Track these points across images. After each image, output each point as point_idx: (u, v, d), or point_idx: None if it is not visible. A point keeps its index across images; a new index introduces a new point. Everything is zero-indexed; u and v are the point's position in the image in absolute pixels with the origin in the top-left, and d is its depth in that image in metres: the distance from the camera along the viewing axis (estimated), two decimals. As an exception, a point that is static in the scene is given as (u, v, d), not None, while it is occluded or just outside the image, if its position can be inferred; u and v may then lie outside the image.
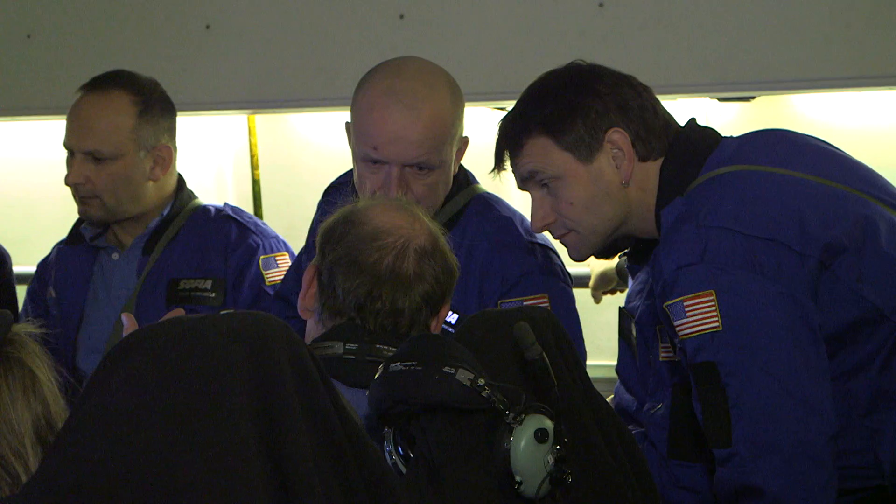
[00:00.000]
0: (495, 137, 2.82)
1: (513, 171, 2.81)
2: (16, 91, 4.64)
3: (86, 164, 3.49)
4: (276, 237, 3.62)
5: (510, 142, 2.78)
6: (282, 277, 3.47)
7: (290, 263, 3.53)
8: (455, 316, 2.98)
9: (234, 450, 1.56)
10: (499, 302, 3.03)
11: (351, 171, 3.17)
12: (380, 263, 2.43)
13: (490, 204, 3.16)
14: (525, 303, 2.99)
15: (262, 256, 3.54)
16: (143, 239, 3.58)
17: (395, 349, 2.34)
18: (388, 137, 2.95)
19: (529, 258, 3.07)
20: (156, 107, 3.53)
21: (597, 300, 3.75)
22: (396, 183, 2.96)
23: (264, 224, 3.68)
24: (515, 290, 3.03)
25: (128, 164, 3.49)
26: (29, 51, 4.65)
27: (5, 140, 5.02)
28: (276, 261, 3.56)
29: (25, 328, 1.83)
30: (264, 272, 3.53)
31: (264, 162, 4.71)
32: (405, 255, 2.44)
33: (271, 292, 3.47)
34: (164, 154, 3.52)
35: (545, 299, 3.03)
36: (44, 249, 3.86)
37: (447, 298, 2.51)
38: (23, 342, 1.81)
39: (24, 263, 4.38)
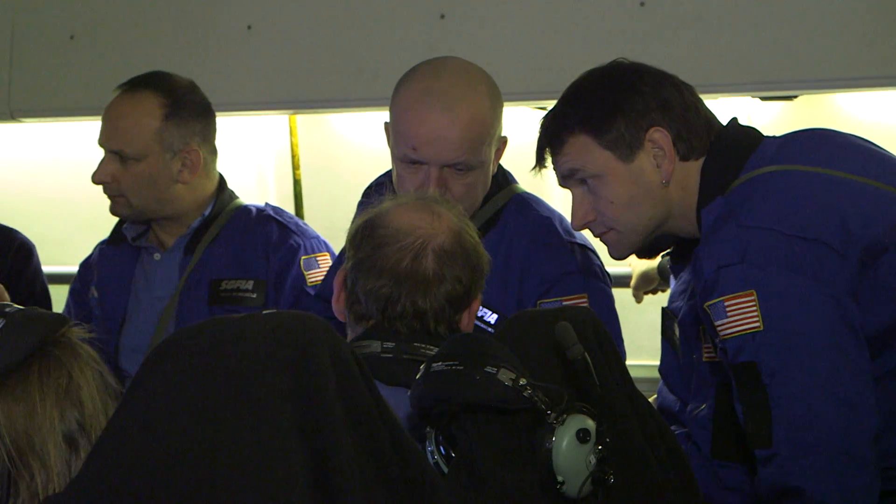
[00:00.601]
0: (537, 135, 2.81)
1: (554, 169, 2.81)
2: (59, 92, 4.67)
3: (112, 163, 3.50)
4: (317, 237, 3.62)
5: (551, 139, 2.78)
6: (323, 278, 3.47)
7: (331, 264, 3.53)
8: (495, 316, 2.98)
9: (275, 449, 1.56)
10: (538, 302, 3.02)
11: (391, 170, 3.18)
12: (398, 265, 2.43)
13: (529, 204, 3.15)
14: (564, 302, 2.98)
15: (303, 257, 3.54)
16: (184, 239, 3.58)
17: (432, 346, 2.35)
18: (426, 138, 2.95)
19: (569, 258, 3.07)
20: (185, 109, 3.52)
21: (638, 300, 3.74)
22: (435, 183, 2.96)
23: (305, 224, 3.68)
24: (555, 290, 3.02)
25: (152, 165, 3.49)
26: (72, 52, 4.67)
27: (48, 141, 5.05)
28: (317, 261, 3.56)
29: (79, 333, 1.84)
30: (305, 272, 3.53)
31: (305, 162, 4.72)
32: (424, 256, 2.44)
33: (312, 292, 3.46)
34: (193, 157, 3.51)
35: (584, 299, 3.03)
36: (85, 249, 3.88)
37: (475, 295, 2.51)
38: (68, 345, 1.81)
39: (66, 263, 4.41)
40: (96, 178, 3.52)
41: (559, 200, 3.21)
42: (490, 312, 2.99)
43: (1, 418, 1.74)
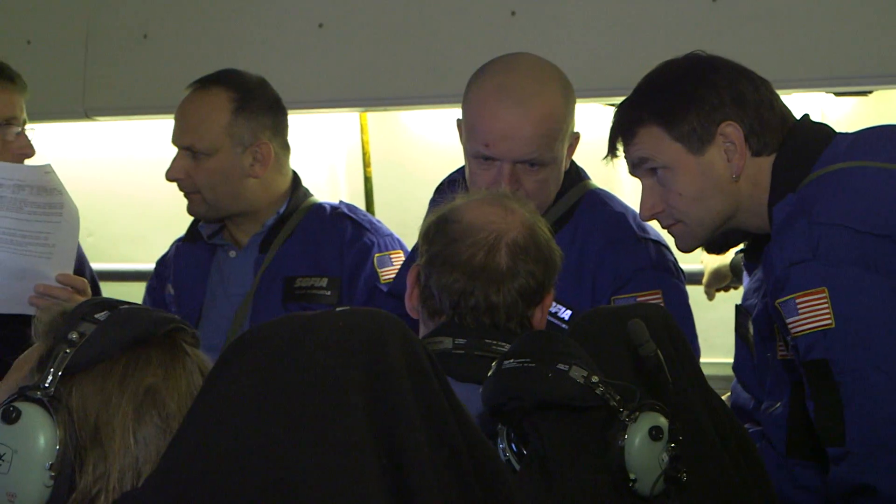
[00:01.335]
0: (610, 125, 2.81)
1: (625, 158, 2.81)
2: (133, 91, 4.71)
3: (184, 160, 3.53)
4: (391, 235, 3.63)
5: (623, 129, 2.78)
6: (395, 275, 3.48)
7: (404, 261, 3.54)
8: (569, 312, 2.98)
9: (349, 444, 1.57)
10: (612, 298, 3.02)
11: (463, 167, 3.18)
12: (472, 260, 2.44)
13: (602, 200, 3.15)
14: (638, 298, 2.98)
15: (376, 254, 3.55)
16: (259, 237, 3.60)
17: (503, 343, 2.35)
18: (499, 134, 2.96)
19: (643, 254, 3.06)
20: (255, 104, 3.54)
21: (710, 297, 3.72)
22: (508, 179, 2.97)
23: (379, 222, 3.69)
24: (629, 286, 3.02)
25: (223, 160, 3.51)
26: (145, 51, 4.71)
27: (123, 139, 5.10)
28: (390, 259, 3.57)
29: (182, 337, 1.85)
30: (379, 270, 3.54)
31: (376, 159, 4.73)
32: (497, 250, 2.45)
33: (386, 290, 3.48)
34: (264, 151, 3.53)
35: (658, 295, 3.02)
36: (159, 247, 3.91)
37: (548, 289, 2.51)
38: (169, 347, 1.82)
39: (141, 261, 4.45)
40: (169, 175, 3.55)
41: (631, 197, 3.20)
42: (563, 308, 2.98)
43: (75, 406, 1.76)
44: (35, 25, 4.91)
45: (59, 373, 1.75)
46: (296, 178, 3.65)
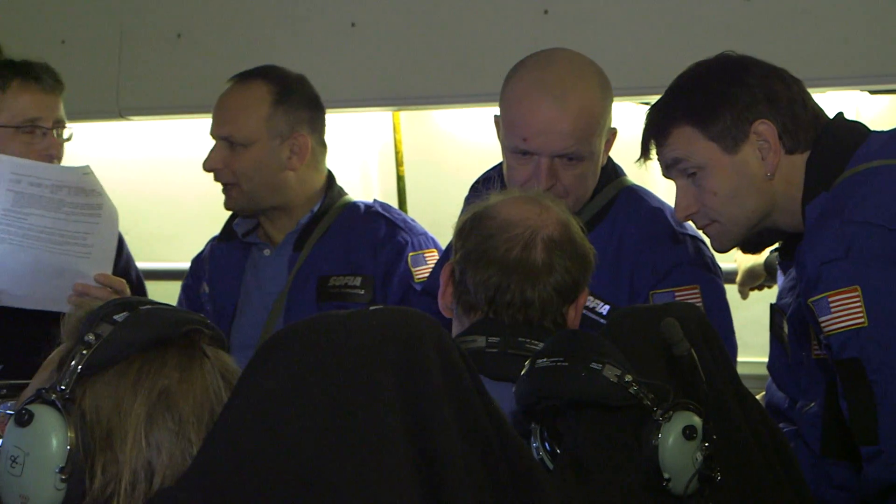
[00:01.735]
0: (642, 126, 2.81)
1: (658, 159, 2.80)
2: (166, 90, 4.73)
3: (222, 150, 3.54)
4: (425, 234, 3.63)
5: (656, 130, 2.77)
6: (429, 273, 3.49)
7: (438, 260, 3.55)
8: (606, 307, 2.98)
9: (382, 442, 1.57)
10: (650, 293, 3.02)
11: (498, 165, 3.19)
12: (508, 255, 2.44)
13: (639, 195, 3.15)
14: (676, 294, 2.98)
15: (410, 254, 3.56)
16: (293, 235, 3.61)
17: (537, 341, 2.35)
18: (537, 128, 2.96)
19: (680, 249, 3.06)
20: (294, 97, 3.56)
21: (744, 296, 3.71)
22: (546, 174, 2.97)
23: (413, 221, 3.69)
24: (666, 281, 3.02)
25: (261, 151, 3.53)
26: (179, 50, 4.73)
27: (156, 139, 5.12)
28: (424, 258, 3.57)
29: (202, 339, 1.85)
30: (413, 269, 3.55)
31: (409, 158, 4.74)
32: (533, 246, 2.45)
33: (420, 289, 3.48)
34: (301, 143, 3.54)
35: (696, 290, 3.02)
36: (193, 246, 3.92)
37: (582, 287, 2.51)
38: (187, 349, 1.82)
39: (175, 260, 4.47)
40: (207, 165, 3.56)
41: (667, 194, 3.19)
42: (602, 304, 2.99)
43: (88, 408, 1.77)
44: (69, 25, 4.93)
45: (75, 374, 1.76)
46: (330, 177, 3.66)
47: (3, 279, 3.26)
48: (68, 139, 3.51)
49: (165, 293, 4.03)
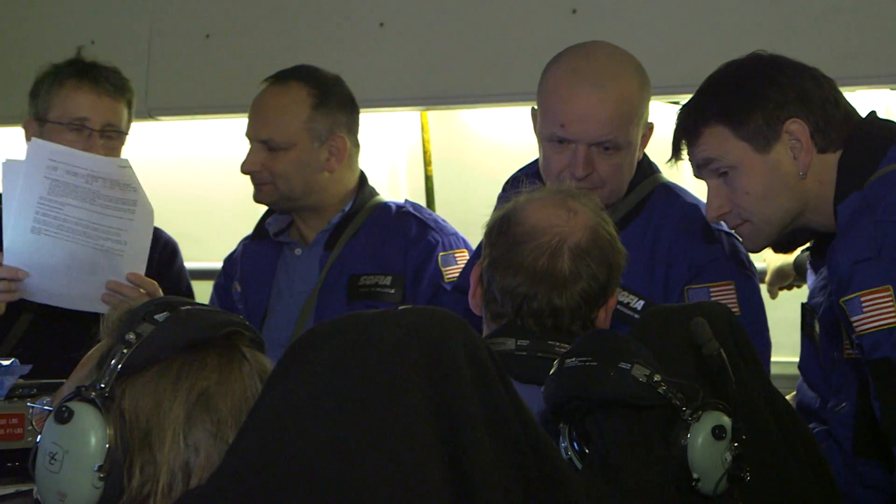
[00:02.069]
0: (673, 126, 2.80)
1: (689, 160, 2.80)
2: (195, 90, 4.74)
3: (261, 153, 3.55)
4: (456, 234, 3.64)
5: (688, 130, 2.77)
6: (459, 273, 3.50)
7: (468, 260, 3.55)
8: (642, 302, 2.98)
9: (412, 443, 1.57)
10: (685, 288, 3.02)
11: (527, 166, 3.19)
12: (535, 263, 2.43)
13: (675, 192, 3.15)
14: (711, 289, 2.98)
15: (441, 253, 3.57)
16: (325, 234, 3.62)
17: (566, 345, 2.35)
18: (575, 115, 2.97)
19: (716, 245, 3.06)
20: (333, 99, 3.57)
21: (773, 296, 3.70)
22: (583, 162, 2.98)
23: (444, 221, 3.70)
24: (702, 277, 3.02)
25: (301, 154, 3.54)
26: (207, 51, 4.74)
27: (185, 139, 5.13)
28: (454, 257, 3.58)
29: (241, 340, 1.86)
30: (443, 269, 3.56)
31: (437, 158, 4.74)
32: (560, 255, 2.44)
33: (450, 289, 3.49)
34: (339, 145, 3.56)
35: (731, 286, 3.01)
36: (223, 245, 3.93)
37: (611, 292, 2.50)
38: (226, 349, 1.83)
39: (205, 259, 4.47)
40: (245, 168, 3.58)
41: (702, 191, 3.19)
42: (637, 299, 2.98)
43: (127, 407, 1.77)
44: (98, 26, 4.95)
45: (115, 373, 1.76)
46: (362, 177, 3.68)
47: (38, 274, 3.26)
48: (121, 144, 3.53)
49: (196, 293, 4.04)
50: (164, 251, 3.72)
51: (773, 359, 3.12)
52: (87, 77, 3.49)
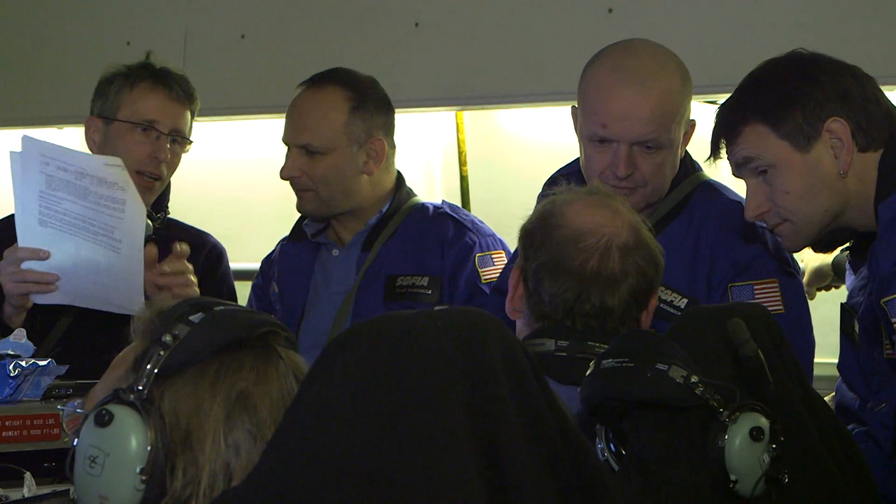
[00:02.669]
0: (712, 125, 2.79)
1: (728, 159, 2.79)
2: (230, 91, 4.75)
3: (300, 158, 3.56)
4: (493, 235, 3.64)
5: (727, 129, 2.76)
6: (497, 275, 3.49)
7: (505, 261, 3.55)
8: (685, 301, 2.97)
9: (447, 443, 1.57)
10: (729, 286, 3.01)
11: (572, 162, 3.18)
12: (585, 265, 2.43)
13: (717, 189, 3.14)
14: (755, 287, 2.97)
15: (478, 254, 3.57)
16: (362, 235, 3.63)
17: (605, 346, 2.34)
18: (617, 115, 2.96)
19: (759, 243, 3.05)
20: (370, 102, 3.57)
21: (811, 296, 3.68)
22: (624, 161, 2.97)
23: (481, 222, 3.70)
24: (746, 274, 3.01)
25: (340, 158, 3.54)
26: (243, 51, 4.75)
27: (222, 140, 5.14)
28: (491, 258, 3.58)
29: (276, 340, 1.86)
30: (480, 270, 3.56)
31: (472, 158, 4.74)
32: (609, 255, 2.44)
33: (487, 290, 3.49)
34: (378, 147, 3.57)
35: (775, 284, 3.00)
36: (259, 246, 3.94)
37: (655, 290, 2.50)
38: (262, 350, 1.83)
39: (242, 260, 4.48)
40: (284, 174, 3.58)
41: (743, 190, 3.18)
42: (680, 297, 2.97)
43: (167, 409, 1.77)
44: (134, 27, 4.97)
45: (153, 375, 1.76)
46: (400, 178, 3.68)
47: (54, 269, 3.27)
48: (185, 150, 3.57)
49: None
50: (210, 255, 3.74)
51: (816, 360, 3.11)
52: (160, 81, 3.53)
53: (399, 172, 3.69)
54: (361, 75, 3.64)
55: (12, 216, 3.37)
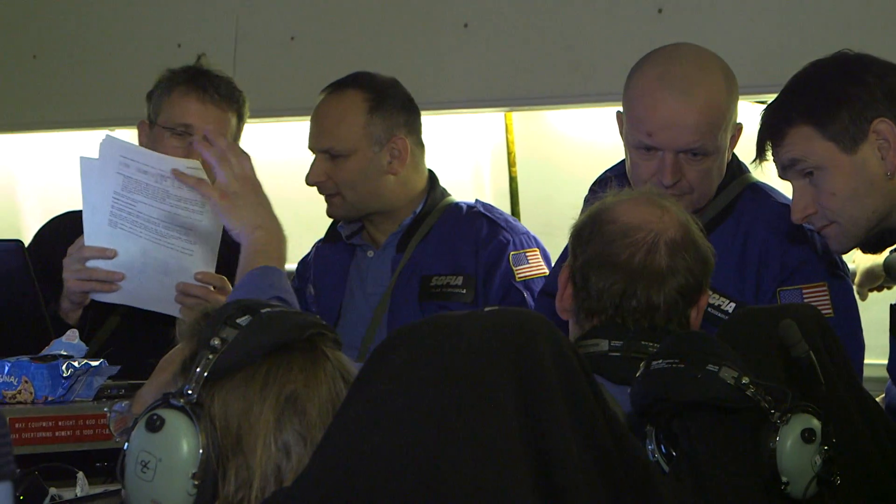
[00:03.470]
0: (757, 127, 2.78)
1: (773, 161, 2.77)
2: (280, 93, 4.76)
3: (323, 163, 3.56)
4: (527, 233, 3.64)
5: (772, 131, 2.74)
6: (532, 273, 3.49)
7: (540, 259, 3.56)
8: (732, 305, 2.95)
9: (499, 444, 1.57)
10: (777, 290, 2.98)
11: (615, 166, 3.17)
12: (632, 260, 2.42)
13: (765, 192, 3.12)
14: (804, 291, 2.94)
15: (512, 252, 3.56)
16: (396, 236, 3.63)
17: (659, 345, 2.33)
18: (662, 123, 2.94)
19: (808, 246, 3.03)
20: (389, 102, 3.57)
21: (863, 297, 3.66)
22: (671, 169, 2.95)
23: (515, 220, 3.70)
24: (795, 278, 2.98)
25: (362, 160, 3.55)
26: (293, 53, 4.77)
27: (268, 141, 5.16)
28: (526, 257, 3.57)
29: (323, 341, 1.86)
30: (514, 268, 3.55)
31: (521, 159, 4.73)
32: (656, 250, 2.43)
33: (521, 288, 3.49)
34: (400, 147, 3.56)
35: (824, 287, 2.98)
36: (300, 248, 3.94)
37: (704, 288, 2.49)
38: (310, 352, 1.83)
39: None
40: (310, 180, 3.59)
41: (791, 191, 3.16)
42: (728, 301, 2.96)
43: (217, 413, 1.78)
44: (185, 29, 5.00)
45: (202, 379, 1.77)
46: (432, 178, 3.68)
47: (119, 269, 3.29)
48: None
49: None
50: None
51: (866, 361, 3.09)
52: (195, 84, 3.52)
53: (432, 172, 3.68)
54: (381, 77, 3.64)
55: (71, 213, 3.37)
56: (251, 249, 2.82)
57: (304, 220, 4.81)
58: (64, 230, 3.46)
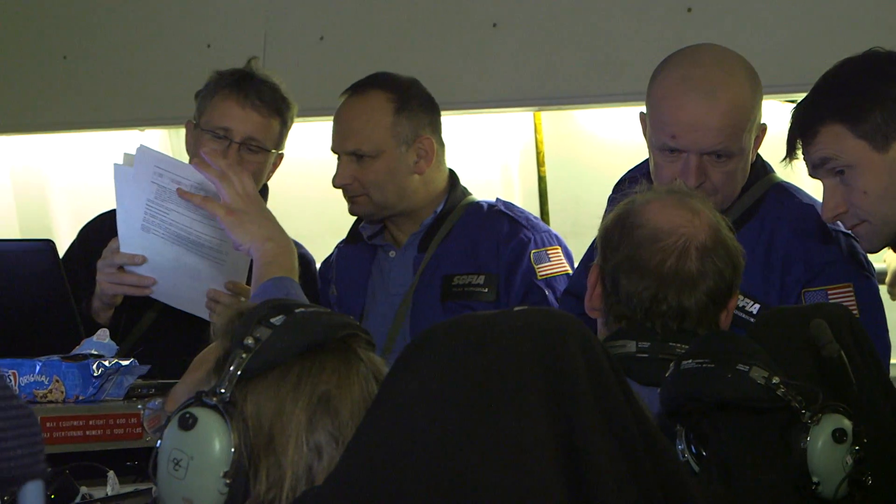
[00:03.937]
0: (788, 126, 2.77)
1: (804, 159, 2.76)
2: (310, 93, 4.76)
3: (350, 165, 3.56)
4: (548, 231, 3.64)
5: (803, 129, 2.73)
6: (553, 271, 3.50)
7: (562, 257, 3.56)
8: (757, 306, 2.94)
9: (528, 444, 1.57)
10: (802, 291, 2.97)
11: (642, 164, 3.16)
12: (662, 265, 2.42)
13: (790, 192, 3.10)
14: (829, 292, 2.93)
15: (533, 251, 3.56)
16: (418, 236, 3.64)
17: (687, 346, 2.33)
18: (685, 125, 2.93)
19: (833, 246, 3.01)
20: (413, 101, 3.57)
21: (893, 297, 3.65)
22: (694, 171, 2.94)
23: (536, 218, 3.69)
24: (820, 279, 2.97)
25: (390, 160, 3.55)
26: (322, 53, 4.77)
27: (293, 142, 5.16)
28: (547, 255, 3.57)
29: (356, 342, 1.86)
30: (535, 266, 3.55)
31: (550, 158, 4.73)
32: (687, 255, 2.42)
33: (543, 286, 3.49)
34: (426, 146, 3.56)
35: (850, 289, 2.96)
36: (322, 249, 3.94)
37: (734, 291, 2.48)
38: (343, 352, 1.83)
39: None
40: (337, 182, 3.59)
41: (817, 191, 3.15)
42: (752, 303, 2.95)
43: (250, 412, 1.78)
44: (214, 30, 5.01)
45: (235, 378, 1.77)
46: (453, 177, 3.68)
47: (149, 271, 3.30)
48: (265, 159, 3.57)
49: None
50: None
51: (892, 360, 3.07)
52: (236, 88, 3.53)
53: (452, 171, 3.69)
54: (402, 77, 3.65)
55: (106, 213, 3.38)
56: (263, 261, 2.84)
57: (323, 221, 4.82)
58: (107, 228, 3.47)
